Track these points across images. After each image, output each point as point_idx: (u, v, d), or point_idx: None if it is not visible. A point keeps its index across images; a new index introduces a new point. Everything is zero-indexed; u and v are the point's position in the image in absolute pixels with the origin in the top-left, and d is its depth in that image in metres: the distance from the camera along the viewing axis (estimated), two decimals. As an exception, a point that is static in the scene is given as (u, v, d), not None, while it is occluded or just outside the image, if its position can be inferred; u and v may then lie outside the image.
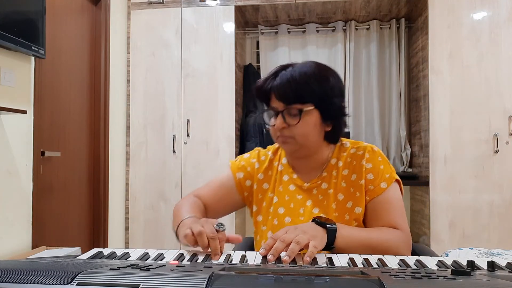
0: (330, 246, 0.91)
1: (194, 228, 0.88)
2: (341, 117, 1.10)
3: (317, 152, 1.12)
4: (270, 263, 0.79)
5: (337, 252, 0.91)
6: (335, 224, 0.93)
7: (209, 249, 0.85)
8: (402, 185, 1.11)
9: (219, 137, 3.14)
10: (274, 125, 1.06)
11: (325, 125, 1.08)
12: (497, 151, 2.83)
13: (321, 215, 1.09)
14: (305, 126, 1.04)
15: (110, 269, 0.59)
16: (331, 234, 0.91)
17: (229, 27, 3.17)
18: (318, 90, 1.04)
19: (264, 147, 1.26)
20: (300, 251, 0.84)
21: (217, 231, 0.88)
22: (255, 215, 1.18)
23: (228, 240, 0.91)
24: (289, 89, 1.03)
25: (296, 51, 3.65)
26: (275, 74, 1.07)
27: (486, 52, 2.86)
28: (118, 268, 0.60)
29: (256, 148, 1.27)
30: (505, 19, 2.85)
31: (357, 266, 0.77)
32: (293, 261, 0.80)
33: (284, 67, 1.08)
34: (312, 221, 0.95)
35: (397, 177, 1.09)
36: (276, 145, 1.22)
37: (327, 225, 0.92)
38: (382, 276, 0.55)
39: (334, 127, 1.09)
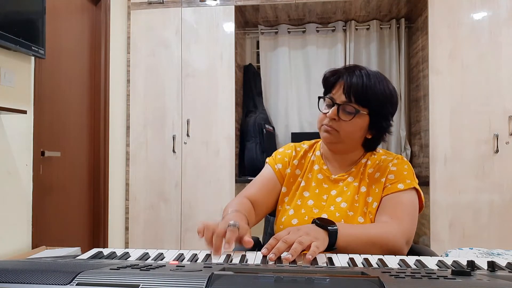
0: (331, 247, 0.92)
1: (208, 223, 0.92)
2: (385, 132, 1.17)
3: (351, 153, 1.20)
4: (270, 262, 0.79)
5: (338, 251, 0.91)
6: (336, 226, 0.94)
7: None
8: (423, 198, 1.14)
9: (219, 137, 3.14)
10: (326, 113, 1.13)
11: (369, 132, 1.16)
12: (497, 151, 2.83)
13: (323, 215, 1.11)
14: (353, 126, 1.12)
15: (110, 269, 0.59)
16: (333, 236, 0.92)
17: (229, 27, 3.17)
18: (380, 101, 1.11)
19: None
20: (301, 251, 0.84)
21: (228, 227, 0.90)
22: (283, 196, 1.24)
23: (239, 240, 0.92)
24: (360, 89, 1.09)
25: (296, 51, 3.65)
26: (350, 70, 1.13)
27: (486, 52, 2.86)
28: (118, 268, 0.60)
29: (291, 143, 1.35)
30: (505, 19, 2.85)
31: (357, 266, 0.77)
32: (293, 261, 0.80)
33: (359, 67, 1.14)
34: (312, 222, 0.96)
35: (418, 187, 1.12)
36: (312, 141, 1.31)
37: (329, 227, 0.93)
38: (382, 276, 0.55)
39: (374, 137, 1.17)
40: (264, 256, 0.82)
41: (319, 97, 1.20)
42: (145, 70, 3.24)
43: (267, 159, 1.32)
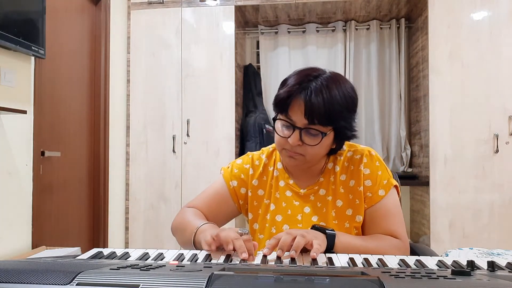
0: (329, 251, 0.92)
1: (214, 232, 0.88)
2: (349, 139, 1.07)
3: (316, 164, 1.11)
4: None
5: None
6: (334, 231, 0.94)
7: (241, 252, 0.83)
8: (399, 188, 1.11)
9: (219, 137, 3.14)
10: (286, 137, 1.00)
11: (334, 143, 1.05)
12: (497, 151, 2.83)
13: (321, 223, 1.08)
14: (320, 148, 1.01)
15: (110, 269, 0.59)
16: (330, 240, 0.92)
17: (229, 27, 3.17)
18: (344, 114, 0.99)
19: (264, 147, 1.25)
20: (302, 252, 0.84)
21: (240, 235, 0.86)
22: (251, 222, 1.15)
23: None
24: (322, 110, 0.95)
25: (296, 51, 3.65)
26: (305, 85, 0.98)
27: (486, 52, 2.86)
28: (118, 268, 0.60)
29: (248, 153, 1.22)
30: (505, 19, 2.85)
31: (357, 266, 0.77)
32: (293, 261, 0.80)
33: (310, 76, 0.99)
34: (311, 228, 0.96)
35: (395, 183, 1.09)
36: (270, 147, 1.19)
37: (326, 230, 0.93)
38: (382, 276, 0.55)
39: (339, 145, 1.08)
40: (265, 256, 0.83)
41: (274, 119, 1.04)
42: (145, 70, 3.24)
43: (222, 170, 1.20)
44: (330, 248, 0.92)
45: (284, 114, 1.00)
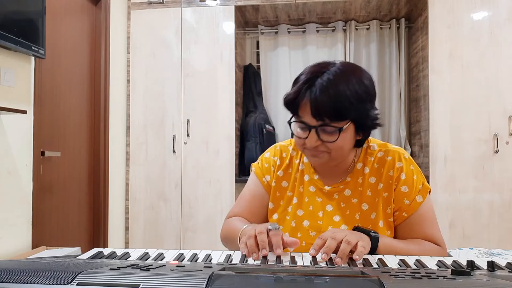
0: (373, 253, 0.90)
1: (247, 233, 0.89)
2: (373, 128, 1.03)
3: (345, 159, 1.07)
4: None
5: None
6: (377, 233, 0.93)
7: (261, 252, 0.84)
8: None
9: (219, 137, 3.14)
10: (303, 138, 0.98)
11: (358, 135, 1.02)
12: (497, 151, 2.83)
13: (342, 225, 1.05)
14: (341, 142, 0.97)
15: (110, 269, 0.59)
16: (374, 242, 0.91)
17: (229, 27, 3.17)
18: (357, 105, 0.94)
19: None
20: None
21: (268, 231, 0.86)
22: (271, 213, 1.13)
23: (285, 244, 0.87)
24: (329, 106, 0.92)
25: (296, 51, 3.65)
26: (309, 82, 0.95)
27: (486, 52, 2.86)
28: (118, 268, 0.60)
29: (276, 144, 1.20)
30: (505, 19, 2.85)
31: (357, 266, 0.77)
32: (293, 261, 0.80)
33: (318, 73, 0.96)
34: (353, 229, 0.95)
35: (429, 187, 1.07)
36: None
37: (371, 233, 0.91)
38: (382, 276, 0.55)
39: (365, 135, 1.04)
40: (264, 257, 0.82)
41: (289, 122, 1.01)
42: (145, 70, 3.24)
43: (253, 167, 1.20)
44: (373, 250, 0.90)
45: (296, 115, 0.99)
